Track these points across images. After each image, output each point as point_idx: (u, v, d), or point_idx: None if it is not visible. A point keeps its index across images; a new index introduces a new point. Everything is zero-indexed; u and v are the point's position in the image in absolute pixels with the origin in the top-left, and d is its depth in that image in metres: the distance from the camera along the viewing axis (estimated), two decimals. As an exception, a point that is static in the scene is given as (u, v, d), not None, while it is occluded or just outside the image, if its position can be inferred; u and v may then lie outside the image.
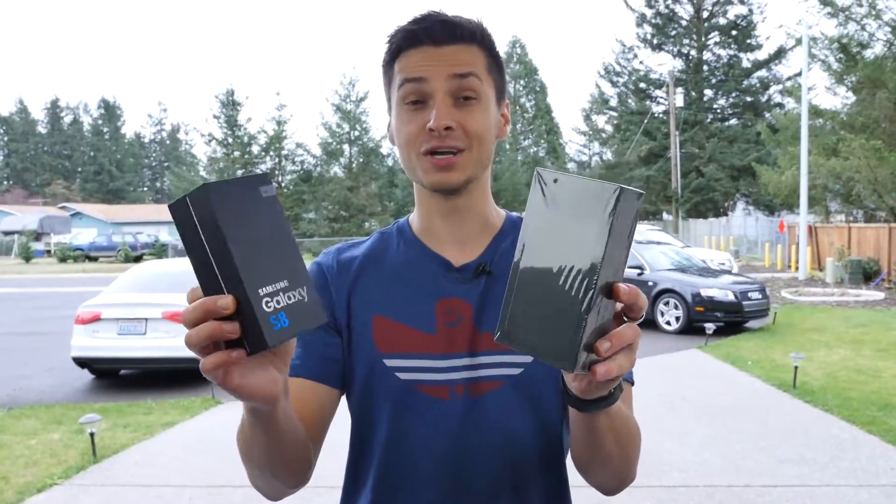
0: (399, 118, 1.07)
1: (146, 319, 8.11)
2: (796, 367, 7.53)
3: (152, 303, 8.19)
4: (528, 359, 1.06)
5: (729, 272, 14.96)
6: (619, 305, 0.74)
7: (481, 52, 1.07)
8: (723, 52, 42.91)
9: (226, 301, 0.67)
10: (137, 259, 35.48)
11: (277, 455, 0.92)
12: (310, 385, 1.07)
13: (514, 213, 1.21)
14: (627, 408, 1.05)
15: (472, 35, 1.07)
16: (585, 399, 0.82)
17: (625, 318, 0.75)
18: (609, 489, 1.05)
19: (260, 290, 0.67)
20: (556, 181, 0.71)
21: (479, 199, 1.13)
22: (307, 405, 1.05)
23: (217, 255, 0.67)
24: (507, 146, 48.31)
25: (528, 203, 0.73)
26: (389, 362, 1.07)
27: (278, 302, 0.69)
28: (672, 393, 7.34)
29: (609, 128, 47.17)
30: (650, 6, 42.56)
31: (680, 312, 11.59)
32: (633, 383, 1.09)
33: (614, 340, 0.71)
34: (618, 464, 0.98)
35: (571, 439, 0.99)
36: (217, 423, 6.63)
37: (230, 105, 40.91)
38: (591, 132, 48.58)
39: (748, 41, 41.64)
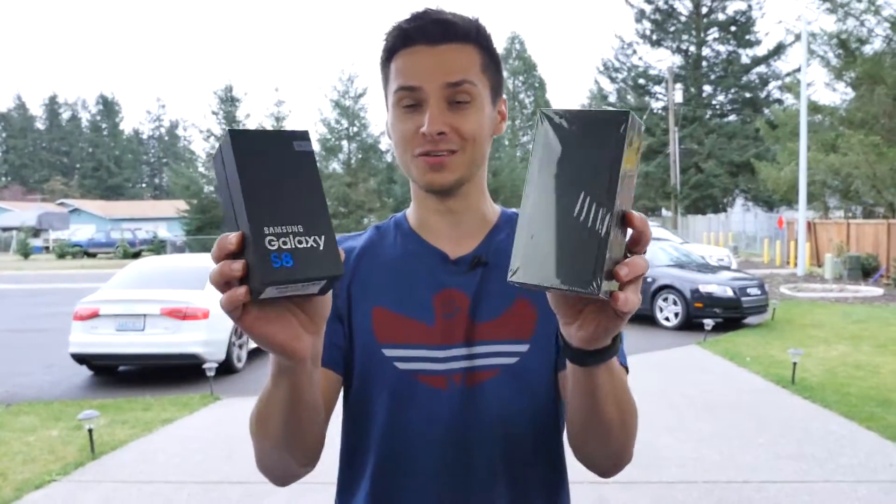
0: (395, 118, 1.08)
1: (144, 316, 8.10)
2: (795, 363, 7.53)
3: (151, 299, 8.19)
4: (524, 348, 1.08)
5: (728, 268, 14.95)
6: (628, 235, 0.74)
7: (476, 51, 1.07)
8: (722, 48, 42.91)
9: (232, 237, 0.69)
10: (136, 255, 35.50)
11: (295, 424, 0.91)
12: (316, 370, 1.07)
13: (510, 209, 1.22)
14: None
15: (466, 33, 1.06)
16: (588, 350, 0.80)
17: (628, 253, 0.74)
18: (606, 468, 1.03)
19: (266, 228, 0.67)
20: (563, 115, 0.72)
21: (474, 198, 1.14)
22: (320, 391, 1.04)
23: (233, 193, 0.69)
24: (507, 142, 48.27)
25: (534, 142, 0.72)
26: (388, 352, 1.09)
27: (284, 243, 0.68)
28: (670, 389, 7.34)
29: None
30: (649, 2, 42.54)
31: (679, 308, 11.60)
32: (627, 370, 1.06)
33: (631, 267, 0.71)
34: (618, 434, 0.95)
35: (569, 410, 0.97)
36: (216, 419, 6.63)
37: (229, 101, 40.84)
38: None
39: (747, 37, 41.63)
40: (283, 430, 0.91)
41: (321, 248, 0.70)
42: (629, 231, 0.73)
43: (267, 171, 0.69)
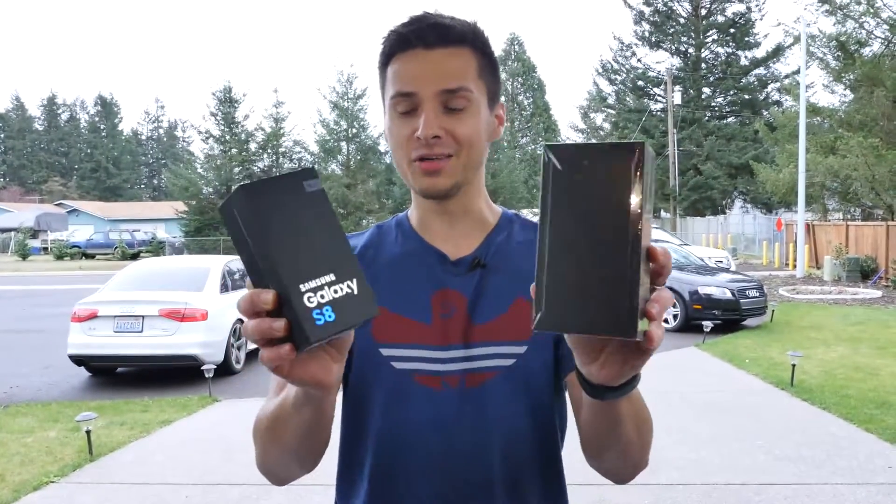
0: (391, 123, 1.08)
1: (143, 317, 8.09)
2: (794, 365, 7.53)
3: (149, 300, 8.18)
4: (522, 349, 1.07)
5: (727, 270, 14.95)
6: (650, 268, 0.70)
7: (473, 55, 1.07)
8: (721, 50, 42.98)
9: (267, 296, 0.68)
10: (134, 256, 35.49)
11: (309, 439, 0.95)
12: None
13: (510, 210, 1.22)
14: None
15: (462, 37, 1.06)
16: (611, 386, 0.78)
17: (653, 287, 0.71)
18: (623, 476, 1.04)
19: (301, 286, 0.67)
20: (572, 149, 0.68)
21: (472, 201, 1.14)
22: None
23: (259, 253, 0.68)
24: (505, 144, 48.29)
25: (543, 180, 0.69)
26: (385, 351, 1.09)
27: (322, 297, 0.68)
28: (670, 391, 7.34)
29: (607, 125, 47.17)
30: (648, 4, 42.60)
31: (678, 310, 11.59)
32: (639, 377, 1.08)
33: (660, 303, 0.69)
34: (636, 450, 0.97)
35: (585, 428, 0.98)
36: (214, 420, 6.62)
37: (227, 102, 40.82)
38: (588, 130, 48.55)
39: (746, 39, 41.70)
40: (296, 442, 0.95)
41: (356, 292, 0.70)
42: (651, 264, 0.70)
43: (288, 223, 0.68)
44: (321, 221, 0.71)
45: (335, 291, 0.69)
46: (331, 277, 0.69)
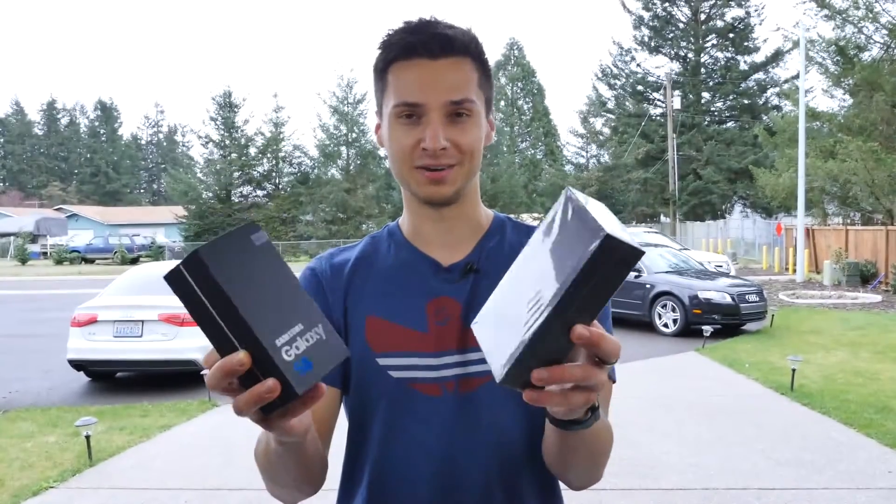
0: (393, 130, 1.08)
1: (142, 322, 8.09)
2: (794, 370, 7.52)
3: (149, 305, 8.17)
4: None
5: (726, 275, 14.95)
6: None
7: (474, 66, 1.08)
8: (720, 55, 43.02)
9: (239, 357, 0.67)
10: (134, 261, 35.48)
11: (303, 474, 0.99)
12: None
13: (501, 214, 1.24)
14: (604, 401, 1.08)
15: (465, 48, 1.07)
16: (560, 419, 0.84)
17: (597, 360, 0.73)
18: (575, 487, 1.09)
19: (276, 341, 0.67)
20: (571, 203, 0.71)
21: (467, 206, 1.16)
22: (316, 410, 1.06)
23: (224, 316, 0.66)
24: (505, 149, 48.31)
25: (552, 210, 0.74)
26: (382, 361, 1.10)
27: (297, 347, 0.68)
28: (669, 395, 7.33)
29: (606, 130, 47.21)
30: (647, 9, 42.65)
31: (677, 315, 11.59)
32: (614, 381, 1.12)
33: (554, 373, 0.70)
34: (585, 471, 1.03)
35: (543, 444, 1.03)
36: (213, 425, 6.61)
37: (227, 107, 40.88)
38: (588, 134, 48.57)
39: (745, 44, 41.74)
40: (292, 480, 1.00)
41: (324, 337, 0.71)
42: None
43: (246, 280, 0.67)
44: (277, 273, 0.70)
45: (307, 340, 0.69)
46: (300, 327, 0.69)
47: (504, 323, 0.72)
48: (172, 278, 0.66)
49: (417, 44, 1.05)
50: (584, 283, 0.66)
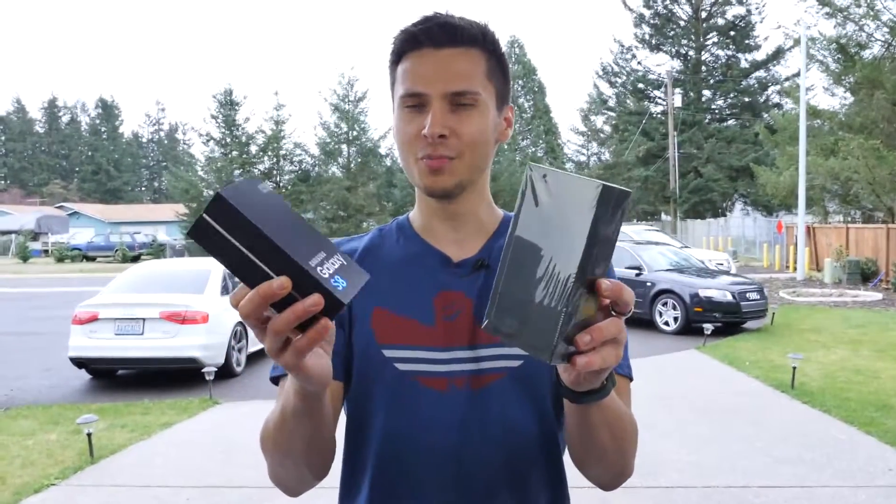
0: (399, 120, 1.09)
1: (143, 319, 8.10)
2: (794, 368, 7.53)
3: (150, 303, 8.19)
4: None
5: (727, 273, 14.96)
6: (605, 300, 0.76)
7: (482, 56, 1.08)
8: (721, 53, 42.94)
9: (280, 281, 0.68)
10: (135, 259, 35.47)
11: (317, 440, 0.96)
12: None
13: (510, 213, 1.21)
14: (625, 403, 1.06)
15: (472, 38, 1.07)
16: (578, 391, 0.84)
17: (613, 312, 0.76)
18: (606, 483, 1.07)
19: (310, 261, 0.69)
20: (545, 176, 0.73)
21: (476, 202, 1.15)
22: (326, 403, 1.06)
23: (255, 249, 0.68)
24: (506, 146, 48.25)
25: (519, 197, 0.75)
26: (388, 353, 1.09)
27: (327, 268, 0.71)
28: (670, 393, 7.34)
29: (607, 128, 47.19)
30: (648, 6, 42.57)
31: (678, 313, 11.59)
32: (631, 379, 1.11)
33: (595, 334, 0.73)
34: (613, 458, 1.00)
35: (567, 434, 1.01)
36: (215, 423, 6.62)
37: (228, 105, 40.85)
38: (589, 132, 48.60)
39: (746, 41, 41.66)
40: (305, 448, 0.96)
41: (345, 262, 0.73)
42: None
43: (268, 215, 0.70)
44: (289, 212, 0.73)
45: (332, 264, 0.72)
46: (322, 254, 0.72)
47: (524, 308, 0.73)
48: (197, 228, 0.68)
49: (421, 34, 1.05)
50: (595, 236, 0.70)
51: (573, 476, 1.15)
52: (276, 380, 1.09)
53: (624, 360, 0.97)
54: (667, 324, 11.72)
